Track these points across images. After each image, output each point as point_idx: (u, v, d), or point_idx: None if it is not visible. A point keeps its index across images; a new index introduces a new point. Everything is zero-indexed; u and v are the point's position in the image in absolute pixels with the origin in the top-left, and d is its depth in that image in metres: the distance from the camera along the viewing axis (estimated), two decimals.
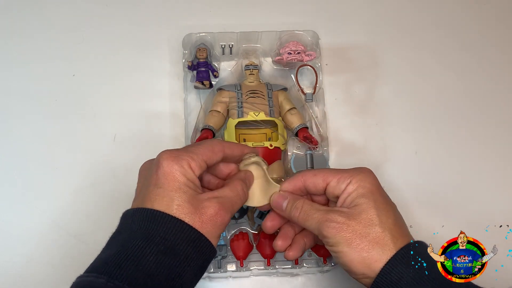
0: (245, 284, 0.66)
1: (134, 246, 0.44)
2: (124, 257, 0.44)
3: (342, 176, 0.52)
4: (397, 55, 0.78)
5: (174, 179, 0.47)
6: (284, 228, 0.57)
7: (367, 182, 0.52)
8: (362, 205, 0.51)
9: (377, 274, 0.49)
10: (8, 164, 0.70)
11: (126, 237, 0.46)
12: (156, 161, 0.49)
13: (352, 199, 0.52)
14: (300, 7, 0.79)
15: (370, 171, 0.54)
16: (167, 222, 0.45)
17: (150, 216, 0.46)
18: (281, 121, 0.69)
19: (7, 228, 0.67)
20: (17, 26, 0.76)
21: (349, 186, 0.52)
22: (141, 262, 0.44)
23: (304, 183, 0.54)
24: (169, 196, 0.46)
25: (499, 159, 0.74)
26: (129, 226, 0.47)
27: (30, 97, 0.73)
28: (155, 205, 0.46)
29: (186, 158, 0.48)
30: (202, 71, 0.70)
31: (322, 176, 0.53)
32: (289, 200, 0.54)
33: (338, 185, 0.52)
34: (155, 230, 0.45)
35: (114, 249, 0.45)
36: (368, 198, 0.51)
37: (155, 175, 0.48)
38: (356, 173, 0.53)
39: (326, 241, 0.51)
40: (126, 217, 0.48)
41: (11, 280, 0.66)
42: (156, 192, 0.47)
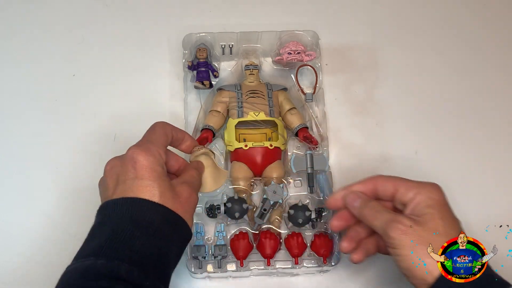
0: (245, 284, 0.66)
1: (125, 231, 0.48)
2: (117, 241, 0.47)
3: (412, 185, 0.55)
4: (397, 55, 0.78)
5: (153, 170, 0.51)
6: (351, 231, 0.59)
7: (436, 194, 0.54)
8: (430, 214, 0.53)
9: (436, 279, 0.51)
10: (8, 164, 0.70)
11: (114, 224, 0.49)
12: (129, 157, 0.52)
13: (421, 208, 0.53)
14: (300, 7, 0.79)
15: (439, 186, 0.56)
16: (151, 208, 0.50)
17: (136, 204, 0.49)
18: (281, 121, 0.69)
19: (7, 228, 0.67)
20: (17, 26, 0.76)
21: (418, 196, 0.54)
22: (134, 244, 0.48)
23: (375, 186, 0.57)
24: (151, 185, 0.50)
25: (499, 159, 0.74)
26: (114, 215, 0.50)
27: (30, 97, 0.73)
28: (139, 195, 0.50)
29: (155, 149, 0.53)
30: (202, 71, 0.70)
31: (393, 182, 0.56)
32: (362, 200, 0.56)
33: (407, 192, 0.54)
34: (141, 216, 0.49)
35: (104, 236, 0.48)
36: (436, 209, 0.53)
37: (133, 169, 0.51)
38: (426, 185, 0.55)
39: (391, 243, 0.52)
40: (107, 208, 0.51)
41: (11, 280, 0.65)
42: (138, 183, 0.50)
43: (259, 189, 0.68)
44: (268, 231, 0.64)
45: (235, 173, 0.66)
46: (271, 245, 0.63)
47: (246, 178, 0.66)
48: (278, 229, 0.65)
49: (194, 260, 0.64)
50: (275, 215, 0.65)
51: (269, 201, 0.64)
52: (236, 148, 0.67)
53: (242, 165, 0.66)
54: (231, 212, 0.63)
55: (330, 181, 0.67)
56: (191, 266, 0.63)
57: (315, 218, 0.65)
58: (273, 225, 0.65)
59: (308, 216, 0.64)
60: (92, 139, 0.72)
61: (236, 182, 0.66)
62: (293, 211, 0.64)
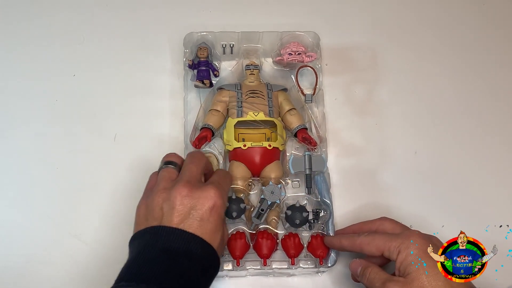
0: (241, 283, 0.66)
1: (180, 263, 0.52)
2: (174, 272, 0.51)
3: (391, 245, 0.57)
4: (397, 56, 0.78)
5: (221, 218, 0.56)
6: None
7: (414, 248, 0.55)
8: (413, 273, 0.54)
9: None
10: (8, 164, 0.70)
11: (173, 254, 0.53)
12: (209, 196, 0.55)
13: (404, 268, 0.55)
14: (301, 8, 0.79)
15: (418, 234, 0.57)
16: (207, 251, 0.54)
17: (199, 243, 0.54)
18: (280, 121, 0.69)
19: (7, 228, 0.67)
20: (17, 27, 0.76)
21: (399, 256, 0.56)
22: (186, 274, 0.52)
23: (362, 251, 0.60)
24: (216, 232, 0.55)
25: (499, 159, 0.74)
26: (176, 242, 0.53)
27: (30, 97, 0.73)
28: (204, 236, 0.54)
29: (225, 195, 0.57)
30: (202, 70, 0.70)
31: (375, 246, 0.58)
32: (362, 267, 0.60)
33: (390, 254, 0.57)
34: (197, 254, 0.53)
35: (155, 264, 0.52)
36: (417, 265, 0.54)
37: (209, 210, 0.55)
38: (404, 239, 0.57)
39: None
40: (174, 234, 0.54)
41: (11, 280, 0.65)
42: (206, 226, 0.54)
43: (257, 189, 0.67)
44: (265, 231, 0.64)
45: (233, 173, 0.66)
46: (268, 245, 0.63)
47: (244, 178, 0.66)
48: (275, 230, 0.65)
49: None
50: (273, 216, 0.65)
51: (266, 201, 0.64)
52: (235, 148, 0.67)
53: (240, 164, 0.66)
54: (229, 211, 0.63)
55: (328, 182, 0.67)
56: None
57: (312, 219, 0.64)
58: (270, 226, 0.65)
59: (305, 217, 0.64)
60: (92, 139, 0.72)
61: (234, 182, 0.66)
62: (290, 211, 0.64)
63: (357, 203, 0.70)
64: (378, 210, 0.69)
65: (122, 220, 0.67)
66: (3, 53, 0.75)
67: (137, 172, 0.69)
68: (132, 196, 0.67)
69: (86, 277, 0.65)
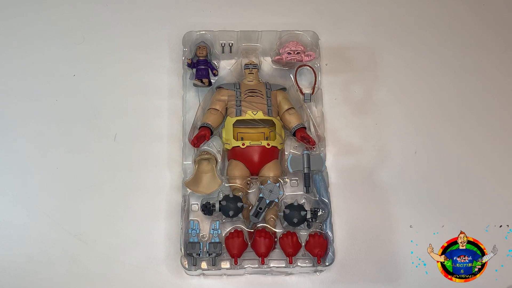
0: (239, 282, 0.66)
1: None
2: None
3: None
4: (396, 55, 0.77)
5: None
6: None
7: None
8: None
9: None
10: (8, 164, 0.70)
11: None
12: None
13: None
14: (300, 7, 0.79)
15: None
16: None
17: None
18: (279, 120, 0.69)
19: (7, 228, 0.68)
20: (17, 27, 0.77)
21: None
22: None
23: None
24: None
25: (498, 159, 0.73)
26: None
27: (30, 97, 0.73)
28: None
29: None
30: (201, 69, 0.70)
31: None
32: None
33: None
34: None
35: None
36: None
37: None
38: None
39: None
40: None
41: (11, 280, 0.66)
42: None
43: (255, 188, 0.67)
44: (263, 230, 0.64)
45: (231, 171, 0.66)
46: (266, 244, 0.63)
47: (243, 176, 0.66)
48: (273, 228, 0.65)
49: (188, 257, 0.63)
50: (271, 214, 0.65)
51: (265, 200, 0.64)
52: (234, 147, 0.67)
53: (239, 163, 0.66)
54: (226, 210, 0.63)
55: (327, 181, 0.67)
56: (185, 263, 0.63)
57: (311, 218, 0.64)
58: (268, 224, 0.65)
59: (303, 216, 0.64)
60: (92, 139, 0.72)
61: (232, 180, 0.66)
62: (288, 210, 0.64)
63: (356, 203, 0.70)
64: (377, 209, 0.69)
65: (122, 220, 0.67)
66: (3, 53, 0.75)
67: (136, 173, 0.69)
68: (131, 196, 0.67)
69: (86, 277, 0.65)
